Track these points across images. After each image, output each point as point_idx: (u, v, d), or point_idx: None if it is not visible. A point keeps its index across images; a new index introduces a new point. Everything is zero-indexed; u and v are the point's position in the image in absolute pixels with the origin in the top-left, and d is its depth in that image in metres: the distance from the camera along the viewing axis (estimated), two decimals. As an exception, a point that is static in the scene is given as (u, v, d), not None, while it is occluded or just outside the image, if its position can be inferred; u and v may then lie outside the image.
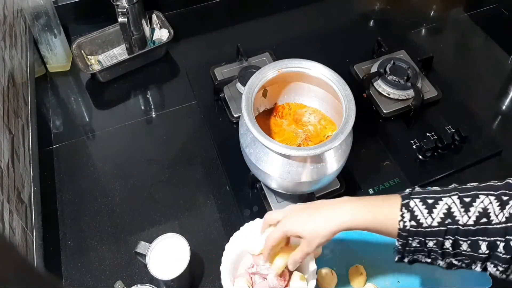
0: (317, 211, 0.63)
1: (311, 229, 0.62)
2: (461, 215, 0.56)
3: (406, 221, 0.58)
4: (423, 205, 0.58)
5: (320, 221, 0.62)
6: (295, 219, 0.65)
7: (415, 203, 0.59)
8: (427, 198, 0.59)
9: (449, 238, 0.57)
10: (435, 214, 0.57)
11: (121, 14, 1.00)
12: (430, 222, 0.57)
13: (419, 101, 0.99)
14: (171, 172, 0.94)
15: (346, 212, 0.62)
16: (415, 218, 0.58)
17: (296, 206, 0.67)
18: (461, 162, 0.95)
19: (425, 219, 0.58)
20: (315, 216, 0.63)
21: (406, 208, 0.59)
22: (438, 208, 0.58)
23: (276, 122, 0.90)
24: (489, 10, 1.29)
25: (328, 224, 0.61)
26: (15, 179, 0.79)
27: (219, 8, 1.27)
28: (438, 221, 0.57)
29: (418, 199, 0.59)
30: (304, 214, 0.64)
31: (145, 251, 0.75)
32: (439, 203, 0.58)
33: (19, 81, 0.93)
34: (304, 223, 0.63)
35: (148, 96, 1.09)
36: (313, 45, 1.18)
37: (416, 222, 0.58)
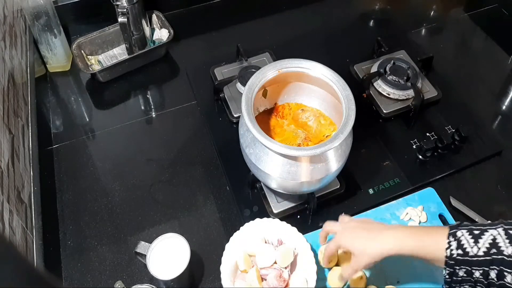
0: (370, 233, 0.67)
1: (362, 249, 0.66)
2: (505, 246, 0.58)
3: (453, 249, 0.61)
4: (470, 235, 0.61)
5: (371, 242, 0.66)
6: (350, 235, 0.69)
7: (462, 233, 0.62)
8: (474, 230, 0.62)
9: (495, 268, 0.58)
10: (481, 244, 0.60)
11: (121, 14, 1.00)
12: (476, 251, 0.60)
13: (419, 101, 0.99)
14: (171, 172, 0.94)
15: (396, 239, 0.65)
16: (462, 247, 0.61)
17: (351, 223, 0.71)
18: (461, 162, 0.95)
19: (471, 248, 0.60)
20: (368, 237, 0.67)
21: (453, 237, 0.62)
22: (483, 239, 0.60)
23: (276, 122, 0.90)
24: (489, 10, 1.29)
25: (378, 247, 0.65)
26: (15, 179, 0.79)
27: (219, 8, 1.27)
28: (484, 251, 0.59)
29: (465, 229, 0.62)
30: (358, 233, 0.68)
31: (145, 251, 0.75)
32: (485, 234, 0.60)
33: (19, 81, 0.93)
34: (357, 242, 0.67)
35: (148, 96, 1.09)
36: (313, 45, 1.18)
37: (462, 251, 0.60)
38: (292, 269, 0.77)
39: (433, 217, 0.86)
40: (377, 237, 0.66)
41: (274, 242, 0.79)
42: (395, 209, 0.87)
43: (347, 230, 0.70)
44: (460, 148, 0.97)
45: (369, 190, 0.91)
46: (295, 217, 0.88)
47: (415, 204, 0.88)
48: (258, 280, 0.73)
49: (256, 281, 0.73)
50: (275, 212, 0.87)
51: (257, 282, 0.73)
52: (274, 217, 0.86)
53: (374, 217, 0.86)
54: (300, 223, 0.86)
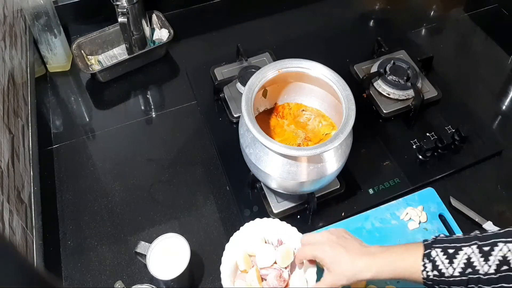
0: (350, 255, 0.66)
1: (338, 268, 0.66)
2: (481, 265, 0.58)
3: (429, 271, 0.61)
4: (444, 255, 0.61)
5: (347, 264, 0.65)
6: (327, 250, 0.67)
7: (436, 253, 0.61)
8: (448, 248, 0.61)
9: (473, 286, 0.58)
10: (456, 264, 0.60)
11: (121, 14, 1.00)
12: (451, 272, 0.60)
13: (419, 101, 0.99)
14: (171, 172, 0.94)
15: (371, 264, 0.65)
16: (437, 268, 0.60)
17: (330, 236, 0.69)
18: (461, 162, 0.95)
19: (446, 269, 0.60)
20: (348, 260, 0.66)
21: (428, 258, 0.61)
22: (458, 259, 0.60)
23: (276, 122, 0.90)
24: (489, 10, 1.29)
25: (354, 273, 0.65)
26: (15, 179, 0.79)
27: (219, 8, 1.27)
28: (459, 271, 0.59)
29: (440, 248, 0.61)
30: (338, 251, 0.67)
31: (145, 251, 0.75)
32: (459, 253, 0.60)
33: (19, 81, 0.93)
34: (334, 259, 0.66)
35: (148, 96, 1.09)
36: (313, 45, 1.18)
37: (438, 272, 0.60)
38: (292, 269, 0.77)
39: (433, 217, 0.86)
40: (355, 262, 0.65)
41: (274, 242, 0.79)
42: (395, 209, 0.87)
43: (328, 244, 0.68)
44: (460, 148, 0.97)
45: (369, 190, 0.91)
46: (295, 217, 0.88)
47: (415, 204, 0.88)
48: (258, 280, 0.73)
49: (256, 281, 0.73)
50: (275, 212, 0.87)
51: (257, 282, 0.73)
52: (274, 217, 0.86)
53: (374, 217, 0.86)
54: (300, 223, 0.86)
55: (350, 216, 0.87)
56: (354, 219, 0.86)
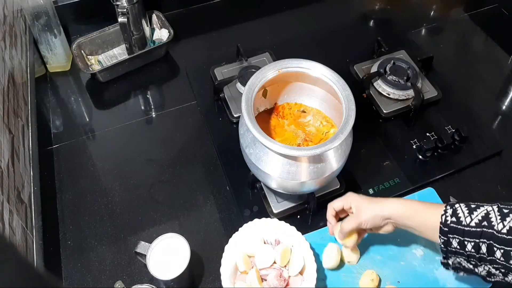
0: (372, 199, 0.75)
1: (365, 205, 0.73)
2: (497, 222, 0.61)
3: (448, 216, 0.65)
4: (466, 207, 0.65)
5: (373, 204, 0.73)
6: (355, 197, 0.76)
7: (459, 205, 0.66)
8: (471, 204, 0.66)
9: (484, 241, 0.62)
10: (474, 215, 0.64)
11: (121, 14, 1.00)
12: (469, 221, 0.64)
13: (419, 101, 0.99)
14: (171, 172, 0.94)
15: (395, 206, 0.71)
16: (456, 215, 0.65)
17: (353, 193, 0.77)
18: (461, 162, 0.95)
19: (464, 218, 0.64)
20: (370, 200, 0.74)
21: (450, 206, 0.66)
22: (478, 212, 0.64)
23: (276, 122, 0.90)
24: (489, 10, 1.29)
25: (379, 208, 0.72)
26: (15, 179, 0.79)
27: (219, 8, 1.27)
28: (476, 222, 0.63)
29: (463, 204, 0.66)
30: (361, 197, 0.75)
31: (145, 251, 0.75)
32: (480, 208, 0.64)
33: (19, 81, 0.93)
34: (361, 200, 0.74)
35: (148, 96, 1.09)
36: (313, 45, 1.18)
37: (456, 219, 0.65)
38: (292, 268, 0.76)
39: (433, 217, 0.86)
40: (379, 202, 0.73)
41: (272, 242, 0.79)
42: (395, 209, 0.87)
43: (352, 194, 0.76)
44: (460, 148, 0.97)
45: (369, 190, 0.91)
46: (295, 217, 0.88)
47: (415, 204, 0.87)
48: (258, 280, 0.73)
49: (256, 281, 0.73)
50: (275, 212, 0.87)
51: (257, 283, 0.73)
52: (274, 217, 0.86)
53: (374, 217, 0.86)
54: (300, 223, 0.86)
55: (350, 216, 0.87)
56: (354, 219, 0.86)
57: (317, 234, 0.84)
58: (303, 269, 0.76)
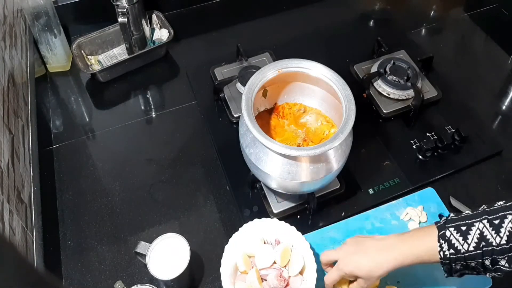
0: (369, 256, 0.70)
1: (367, 272, 0.69)
2: (493, 238, 0.61)
3: (446, 251, 0.64)
4: (458, 233, 0.64)
5: (373, 264, 0.69)
6: (351, 262, 0.71)
7: (450, 232, 0.65)
8: (461, 226, 0.64)
9: (488, 258, 0.62)
10: (470, 240, 0.63)
11: (121, 14, 1.00)
12: (466, 248, 0.63)
13: (419, 101, 0.99)
14: (171, 172, 0.94)
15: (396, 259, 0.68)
16: (453, 247, 0.64)
17: (347, 248, 0.72)
18: (461, 162, 0.95)
19: (462, 246, 0.63)
20: (369, 260, 0.70)
21: (443, 239, 0.65)
22: (471, 234, 0.63)
23: (276, 122, 0.90)
24: (489, 10, 1.29)
25: (381, 268, 0.68)
26: (15, 179, 0.79)
27: (219, 8, 1.27)
28: (473, 246, 0.63)
29: (452, 227, 0.65)
30: (359, 259, 0.70)
31: (145, 251, 0.75)
32: (472, 229, 0.63)
33: (19, 81, 0.93)
34: (360, 267, 0.70)
35: (148, 96, 1.09)
36: (313, 45, 1.18)
37: (454, 250, 0.64)
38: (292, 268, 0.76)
39: (433, 217, 0.86)
40: (377, 259, 0.69)
41: (272, 242, 0.79)
42: (395, 209, 0.87)
43: (347, 257, 0.72)
44: (460, 148, 0.97)
45: (369, 190, 0.91)
46: (295, 217, 0.88)
47: (415, 204, 0.88)
48: (258, 280, 0.73)
49: (256, 281, 0.73)
50: (275, 212, 0.87)
51: (257, 283, 0.73)
52: (274, 217, 0.86)
53: (374, 217, 0.86)
54: (300, 223, 0.86)
55: (350, 216, 0.87)
56: (354, 219, 0.86)
57: (317, 234, 0.84)
58: (303, 269, 0.76)
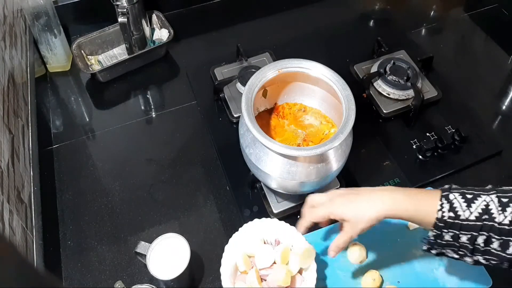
0: (360, 197, 0.65)
1: (355, 213, 0.64)
2: (498, 213, 0.58)
3: (445, 211, 0.60)
4: (462, 199, 0.60)
5: (364, 205, 0.64)
6: (340, 203, 0.66)
7: (454, 196, 0.61)
8: (466, 194, 0.61)
9: (483, 234, 0.58)
10: (473, 208, 0.59)
11: (121, 14, 1.00)
12: (468, 215, 0.59)
13: (419, 101, 0.99)
14: (171, 172, 0.94)
15: (388, 199, 0.63)
16: (454, 210, 0.60)
17: (338, 191, 0.68)
18: (461, 162, 0.95)
19: (463, 212, 0.59)
20: (359, 201, 0.65)
21: (446, 199, 0.61)
22: (476, 204, 0.59)
23: (277, 122, 0.90)
24: (489, 10, 1.29)
25: (372, 209, 0.63)
26: (15, 179, 0.79)
27: (219, 8, 1.27)
28: (475, 216, 0.59)
29: (458, 193, 0.61)
30: (348, 199, 0.66)
31: (145, 251, 0.75)
32: (478, 199, 0.60)
33: (19, 81, 0.93)
34: (349, 207, 0.65)
35: (148, 96, 1.09)
36: (313, 45, 1.18)
37: (454, 214, 0.60)
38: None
39: (433, 217, 0.86)
40: (371, 200, 0.64)
41: (272, 242, 0.79)
42: (395, 209, 0.87)
43: (337, 198, 0.67)
44: (460, 148, 0.97)
45: (369, 190, 0.91)
46: (295, 217, 0.87)
47: (415, 204, 0.87)
48: (258, 280, 0.73)
49: (256, 282, 0.73)
50: (275, 212, 0.87)
51: (257, 283, 0.73)
52: (274, 217, 0.86)
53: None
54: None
55: (350, 216, 0.87)
56: (354, 219, 0.86)
57: (317, 234, 0.84)
58: (303, 269, 0.76)
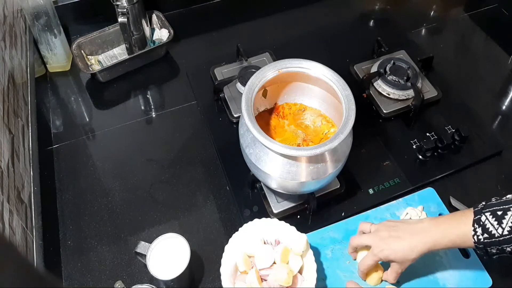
0: (403, 240, 0.71)
1: (402, 256, 0.71)
2: None
3: (480, 236, 0.65)
4: (493, 218, 0.65)
5: (407, 248, 0.70)
6: (386, 247, 0.72)
7: (486, 217, 0.65)
8: (497, 210, 0.65)
9: None
10: (505, 224, 0.64)
11: (121, 14, 1.00)
12: (501, 232, 0.64)
13: (419, 101, 0.99)
14: (171, 172, 0.94)
15: (428, 240, 0.69)
16: (487, 231, 0.65)
17: (381, 233, 0.73)
18: (461, 162, 0.95)
19: (496, 230, 0.64)
20: (403, 244, 0.71)
21: (478, 223, 0.66)
22: (506, 219, 0.64)
23: (277, 122, 0.90)
24: (489, 10, 1.29)
25: (415, 251, 0.70)
26: (15, 179, 0.79)
27: (219, 8, 1.27)
28: (508, 230, 0.63)
29: (489, 212, 0.66)
30: (393, 243, 0.71)
31: (145, 251, 0.75)
32: (508, 213, 0.64)
33: (19, 81, 0.93)
34: (395, 252, 0.71)
35: (148, 96, 1.09)
36: (313, 45, 1.18)
37: (488, 234, 0.65)
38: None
39: (433, 217, 0.86)
40: (412, 243, 0.70)
41: (272, 242, 0.79)
42: (395, 209, 0.87)
43: (381, 243, 0.72)
44: (460, 148, 0.97)
45: (369, 190, 0.91)
46: (295, 217, 0.88)
47: (415, 204, 0.88)
48: (258, 280, 0.73)
49: (256, 282, 0.73)
50: (275, 212, 0.87)
51: (257, 283, 0.73)
52: (274, 217, 0.86)
53: (374, 217, 0.86)
54: (300, 223, 0.86)
55: (350, 216, 0.87)
56: (354, 219, 0.86)
57: (317, 234, 0.84)
58: (302, 269, 0.76)
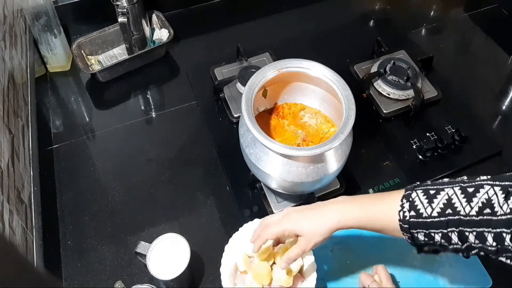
0: (313, 211, 0.65)
1: (309, 227, 0.64)
2: (462, 206, 0.54)
3: (406, 212, 0.58)
4: (424, 195, 0.58)
5: (317, 219, 0.64)
6: (294, 219, 0.66)
7: (416, 194, 0.59)
8: (430, 190, 0.58)
9: (453, 230, 0.55)
10: (435, 204, 0.56)
11: (121, 14, 1.00)
12: (430, 212, 0.56)
13: (419, 101, 0.99)
14: (171, 172, 0.94)
15: (338, 210, 0.63)
16: (415, 208, 0.57)
17: (293, 208, 0.69)
18: (461, 162, 0.95)
19: (424, 209, 0.57)
20: (312, 215, 0.65)
21: (407, 199, 0.59)
22: (438, 198, 0.57)
23: (277, 122, 0.90)
24: (489, 10, 1.29)
25: (324, 223, 0.63)
26: (15, 179, 0.79)
27: (219, 8, 1.27)
28: (438, 211, 0.56)
29: (421, 190, 0.59)
30: (302, 214, 0.66)
31: (145, 251, 0.75)
32: (441, 193, 0.57)
33: (19, 81, 0.93)
34: (302, 222, 0.65)
35: (148, 96, 1.09)
36: (313, 45, 1.18)
37: (415, 212, 0.57)
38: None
39: (433, 217, 0.86)
40: (322, 213, 0.63)
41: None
42: (395, 209, 0.87)
43: (292, 214, 0.66)
44: (460, 148, 0.97)
45: (369, 190, 0.91)
46: (295, 217, 0.87)
47: (415, 204, 0.87)
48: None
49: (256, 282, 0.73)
50: (275, 212, 0.87)
51: (256, 283, 0.73)
52: (274, 217, 0.86)
53: (374, 217, 0.86)
54: (300, 223, 0.86)
55: (350, 216, 0.87)
56: (354, 219, 0.86)
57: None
58: (302, 269, 0.76)
